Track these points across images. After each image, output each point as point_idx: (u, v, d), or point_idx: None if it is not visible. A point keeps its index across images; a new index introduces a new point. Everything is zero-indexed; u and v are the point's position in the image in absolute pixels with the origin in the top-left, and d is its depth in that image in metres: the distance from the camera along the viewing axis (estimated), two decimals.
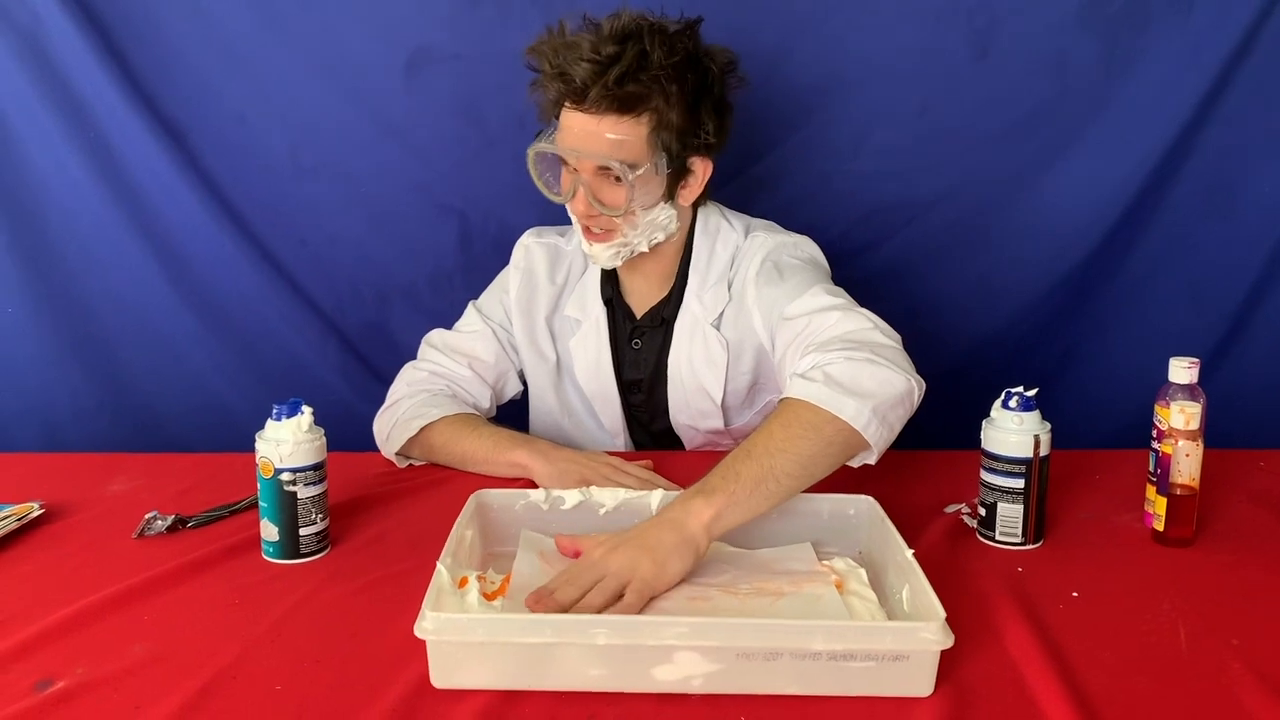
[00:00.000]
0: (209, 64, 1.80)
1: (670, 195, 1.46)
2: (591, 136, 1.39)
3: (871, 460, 1.20)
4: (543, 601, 0.99)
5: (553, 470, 1.37)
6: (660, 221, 1.47)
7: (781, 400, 1.20)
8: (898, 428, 1.19)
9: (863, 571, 1.10)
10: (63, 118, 1.77)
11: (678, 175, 1.45)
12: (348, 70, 1.81)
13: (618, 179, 1.40)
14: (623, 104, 1.37)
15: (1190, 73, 1.77)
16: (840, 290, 1.40)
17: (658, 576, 1.03)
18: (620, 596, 1.00)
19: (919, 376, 1.22)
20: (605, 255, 1.48)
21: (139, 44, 1.77)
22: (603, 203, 1.42)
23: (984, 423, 1.22)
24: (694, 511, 1.07)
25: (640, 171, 1.40)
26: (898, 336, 1.28)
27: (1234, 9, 1.74)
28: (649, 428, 1.62)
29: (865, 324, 1.28)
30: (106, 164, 1.80)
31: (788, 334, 1.35)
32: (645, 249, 1.49)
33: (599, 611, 0.98)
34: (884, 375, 1.18)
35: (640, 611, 1.00)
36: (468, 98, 1.82)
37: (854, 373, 1.18)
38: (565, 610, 0.98)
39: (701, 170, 1.48)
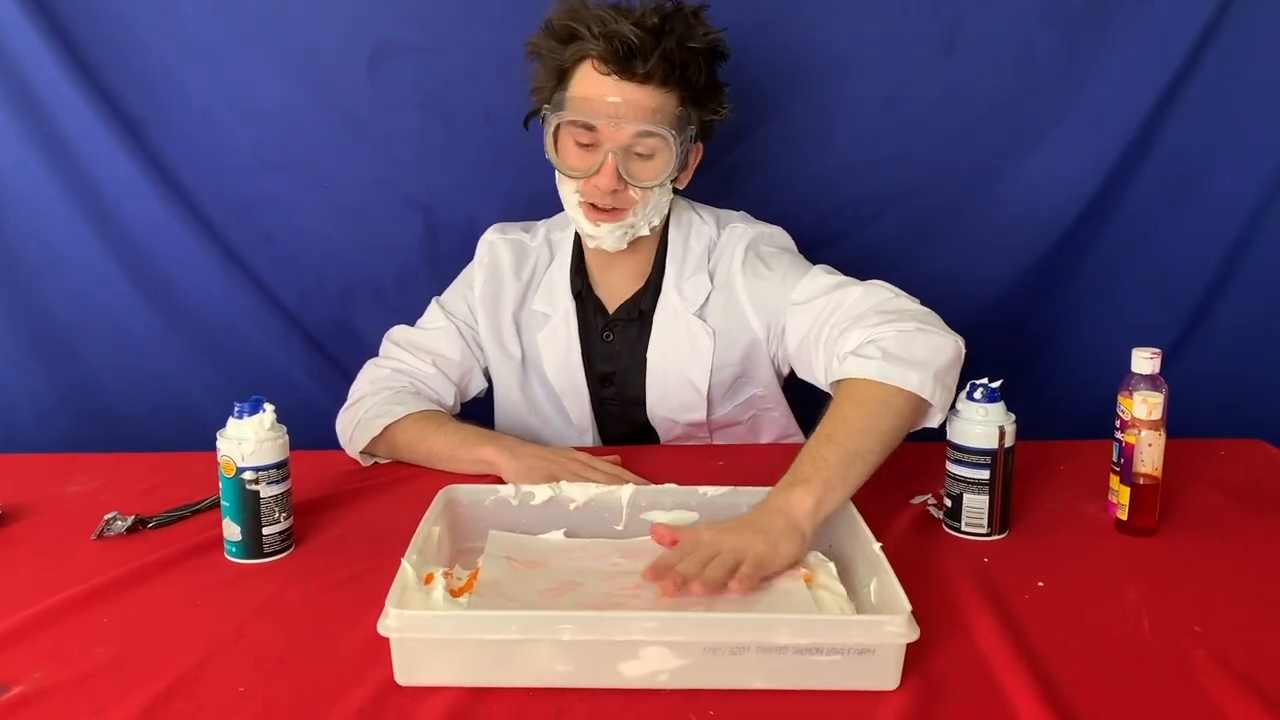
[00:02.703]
0: (169, 58, 1.77)
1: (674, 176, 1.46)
2: (634, 103, 1.38)
3: (935, 423, 1.24)
4: (663, 575, 1.00)
5: (520, 466, 1.36)
6: (661, 204, 1.47)
7: (843, 381, 1.22)
8: (954, 387, 1.24)
9: (832, 565, 1.09)
10: (18, 113, 1.74)
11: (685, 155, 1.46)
12: (311, 64, 1.79)
13: (640, 154, 1.40)
14: (669, 72, 1.37)
15: (1152, 65, 1.79)
16: (832, 268, 1.43)
17: (771, 556, 1.04)
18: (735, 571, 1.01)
19: (957, 333, 1.26)
20: (613, 236, 1.46)
21: (97, 37, 1.74)
22: (634, 176, 1.41)
23: (949, 414, 1.23)
24: (796, 500, 1.08)
25: (678, 139, 1.40)
26: (917, 299, 1.32)
27: (1194, 1, 1.76)
28: (620, 424, 1.61)
29: (889, 293, 1.33)
30: (65, 160, 1.77)
31: (804, 317, 1.37)
32: (645, 232, 1.48)
33: (720, 585, 0.99)
34: (935, 342, 1.23)
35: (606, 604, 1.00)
36: (432, 91, 1.81)
37: (907, 344, 1.22)
38: (687, 582, 0.98)
39: (695, 155, 1.49)
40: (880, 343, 1.23)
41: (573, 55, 1.40)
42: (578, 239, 1.57)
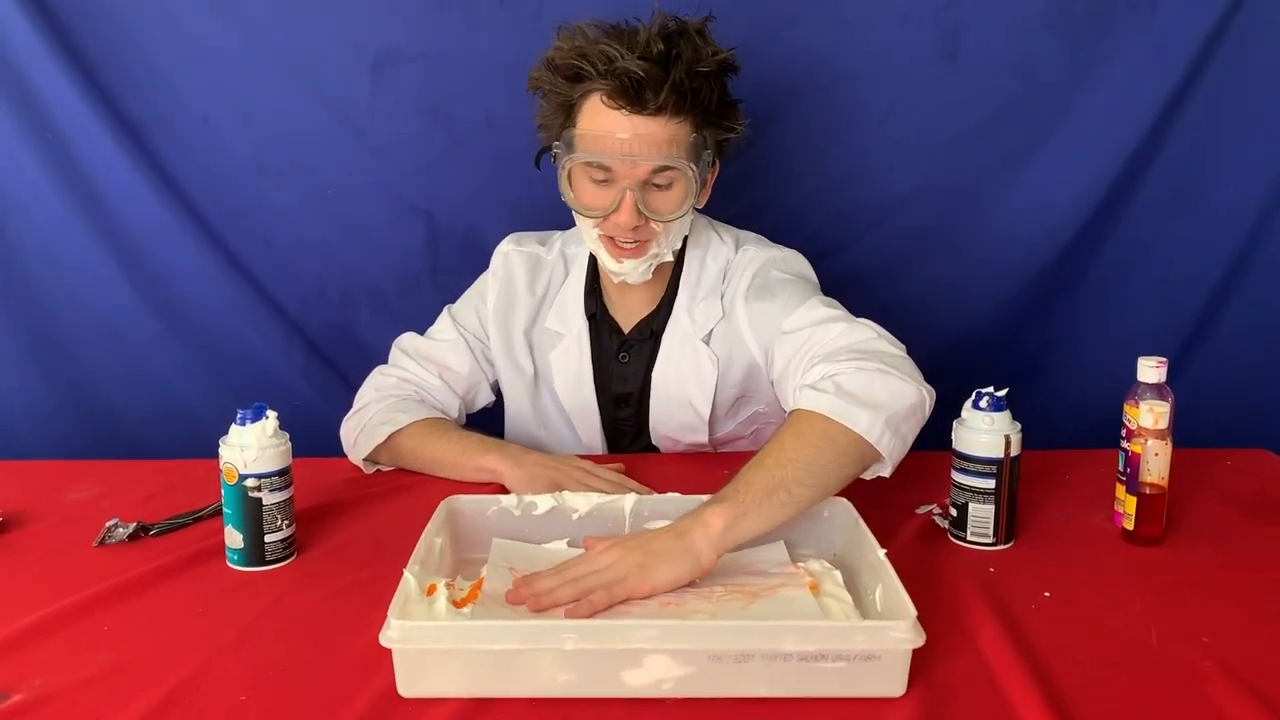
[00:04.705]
0: (171, 63, 1.77)
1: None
2: (647, 138, 1.33)
3: (885, 472, 1.19)
4: (517, 590, 1.00)
5: (523, 475, 1.35)
6: (683, 227, 1.44)
7: (793, 411, 1.19)
8: (910, 438, 1.19)
9: (838, 574, 1.09)
10: (19, 117, 1.75)
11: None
12: (313, 70, 1.79)
13: (659, 185, 1.37)
14: (680, 102, 1.33)
15: (1154, 74, 1.79)
16: (835, 302, 1.39)
17: (639, 579, 1.01)
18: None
19: (929, 385, 1.21)
20: (639, 270, 1.43)
21: (98, 42, 1.75)
22: (654, 210, 1.38)
23: (954, 423, 1.22)
24: (703, 521, 1.05)
25: (696, 168, 1.36)
26: (902, 345, 1.27)
27: (1196, 10, 1.76)
28: (632, 444, 1.59)
29: (870, 334, 1.28)
30: (66, 165, 1.77)
31: (789, 347, 1.34)
32: (669, 258, 1.46)
33: (567, 603, 0.98)
34: (896, 386, 1.18)
35: (608, 611, 0.99)
36: (435, 98, 1.81)
37: (865, 383, 1.17)
38: (538, 596, 0.99)
39: (713, 172, 1.45)
40: (837, 379, 1.19)
41: (580, 92, 1.36)
42: (593, 255, 1.55)
